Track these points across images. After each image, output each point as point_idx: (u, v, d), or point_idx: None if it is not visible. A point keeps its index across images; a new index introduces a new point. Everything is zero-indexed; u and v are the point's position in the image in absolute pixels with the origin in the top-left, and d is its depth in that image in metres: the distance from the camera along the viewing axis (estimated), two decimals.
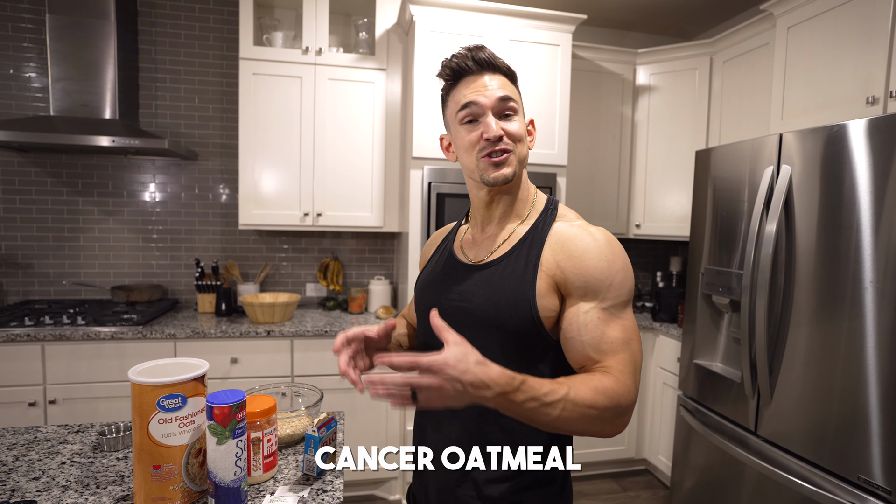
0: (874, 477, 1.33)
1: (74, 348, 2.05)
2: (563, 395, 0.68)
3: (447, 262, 0.94)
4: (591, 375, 0.73)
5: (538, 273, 0.80)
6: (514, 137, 0.83)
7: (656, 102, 2.77)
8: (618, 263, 0.79)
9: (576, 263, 0.79)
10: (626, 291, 0.79)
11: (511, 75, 0.87)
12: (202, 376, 0.91)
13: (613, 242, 0.81)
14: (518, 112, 0.85)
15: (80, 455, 1.06)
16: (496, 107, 0.82)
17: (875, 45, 1.67)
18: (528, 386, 0.67)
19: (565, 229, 0.83)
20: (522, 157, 0.86)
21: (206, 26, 2.62)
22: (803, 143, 1.56)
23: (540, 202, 0.90)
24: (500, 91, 0.82)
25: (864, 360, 1.37)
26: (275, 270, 2.79)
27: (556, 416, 0.68)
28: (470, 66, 0.84)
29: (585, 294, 0.78)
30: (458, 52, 0.85)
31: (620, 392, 0.72)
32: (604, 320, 0.76)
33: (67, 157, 2.52)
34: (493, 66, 0.84)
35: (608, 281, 0.77)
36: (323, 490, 0.95)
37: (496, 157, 0.82)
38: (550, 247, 0.82)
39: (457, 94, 0.86)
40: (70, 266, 2.56)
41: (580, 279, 0.78)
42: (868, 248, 1.37)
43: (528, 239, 0.84)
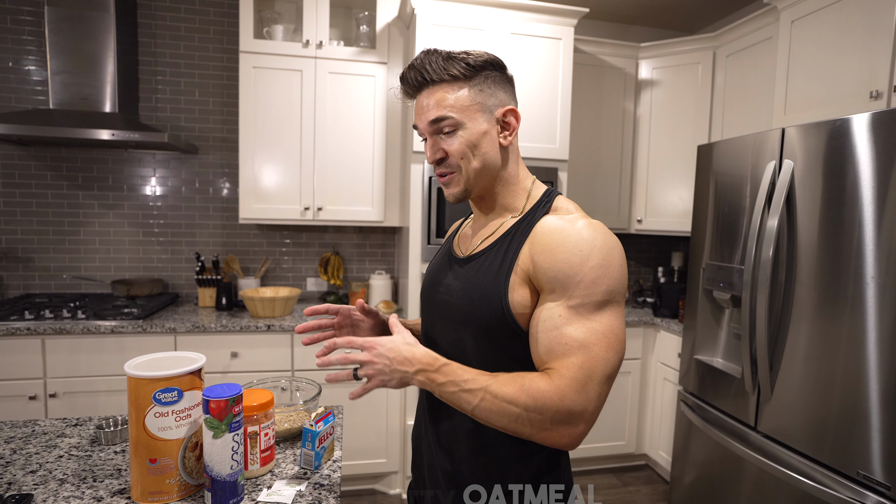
0: (874, 473, 1.32)
1: (75, 342, 2.05)
2: (482, 385, 0.72)
3: (446, 256, 0.94)
4: (525, 374, 0.72)
5: (514, 268, 0.77)
6: (454, 156, 0.80)
7: (659, 97, 2.75)
8: (594, 259, 0.71)
9: (546, 257, 0.74)
10: (602, 291, 0.71)
11: (462, 76, 0.79)
12: (199, 370, 0.90)
13: (598, 237, 0.73)
14: (461, 124, 0.79)
15: (78, 448, 1.06)
16: (431, 129, 0.81)
17: (879, 38, 1.66)
18: (450, 369, 0.74)
19: (549, 222, 0.78)
20: (474, 171, 0.81)
21: (207, 19, 2.61)
22: (806, 138, 1.55)
23: (536, 194, 0.86)
24: (432, 112, 0.79)
25: (865, 356, 1.36)
26: (275, 265, 2.79)
27: (475, 404, 0.72)
28: (408, 91, 0.83)
29: (553, 289, 0.73)
30: (404, 70, 0.83)
31: (549, 395, 0.68)
32: (566, 319, 0.71)
33: (67, 151, 2.52)
34: (424, 82, 0.80)
35: (578, 277, 0.71)
36: (320, 484, 0.95)
37: (442, 179, 0.84)
38: (530, 240, 0.78)
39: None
40: (70, 260, 2.56)
41: (549, 273, 0.73)
42: (870, 244, 1.36)
43: (513, 233, 0.81)
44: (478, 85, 0.80)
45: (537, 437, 0.72)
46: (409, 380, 0.76)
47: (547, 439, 0.71)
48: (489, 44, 2.26)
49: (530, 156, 2.34)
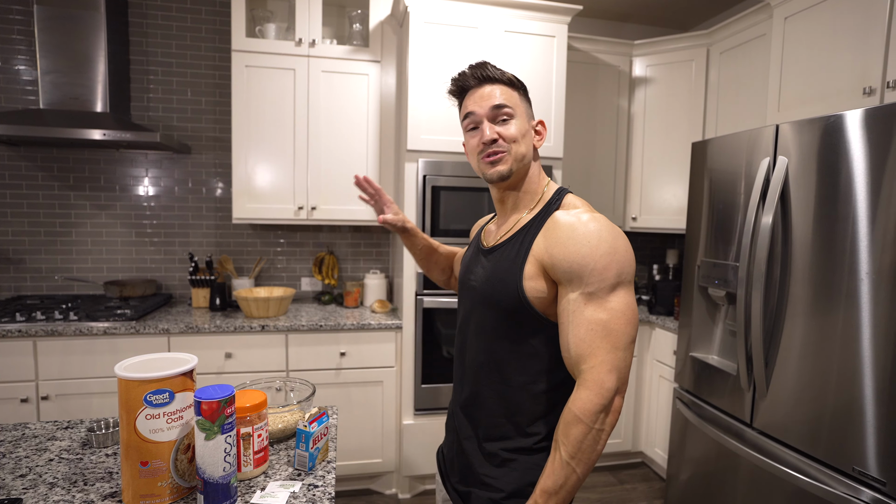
0: (868, 468, 1.33)
1: (67, 344, 2.03)
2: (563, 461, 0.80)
3: (474, 246, 1.07)
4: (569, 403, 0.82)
5: (528, 258, 0.88)
6: (508, 139, 0.92)
7: (653, 94, 2.75)
8: (603, 248, 0.81)
9: (560, 249, 0.84)
10: (613, 275, 0.81)
11: (513, 83, 0.95)
12: (190, 371, 0.89)
13: (604, 229, 0.83)
14: (515, 116, 0.93)
15: (69, 451, 1.05)
16: (490, 114, 0.93)
17: (872, 35, 1.66)
18: (544, 495, 0.81)
19: (559, 217, 0.88)
20: (520, 155, 0.94)
21: (198, 18, 2.59)
22: (800, 134, 1.55)
23: (549, 193, 0.97)
24: (495, 100, 0.92)
25: (860, 352, 1.36)
26: (269, 265, 2.78)
27: (580, 474, 0.80)
28: (470, 82, 0.96)
29: (571, 280, 0.83)
30: (462, 71, 0.97)
31: (593, 395, 0.79)
32: (587, 306, 0.81)
33: (58, 151, 2.50)
34: (489, 78, 0.94)
35: (590, 266, 0.81)
36: (314, 485, 0.94)
37: (492, 157, 0.93)
38: (543, 233, 0.88)
39: (463, 106, 0.98)
40: (62, 261, 2.53)
41: (564, 264, 0.83)
42: (864, 239, 1.36)
43: (528, 227, 0.92)
44: (522, 95, 0.97)
45: (610, 430, 0.81)
46: None
47: (613, 423, 0.81)
48: (483, 42, 2.25)
49: None
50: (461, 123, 0.99)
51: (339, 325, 2.26)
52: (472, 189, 2.30)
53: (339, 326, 2.26)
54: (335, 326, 2.26)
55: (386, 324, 2.31)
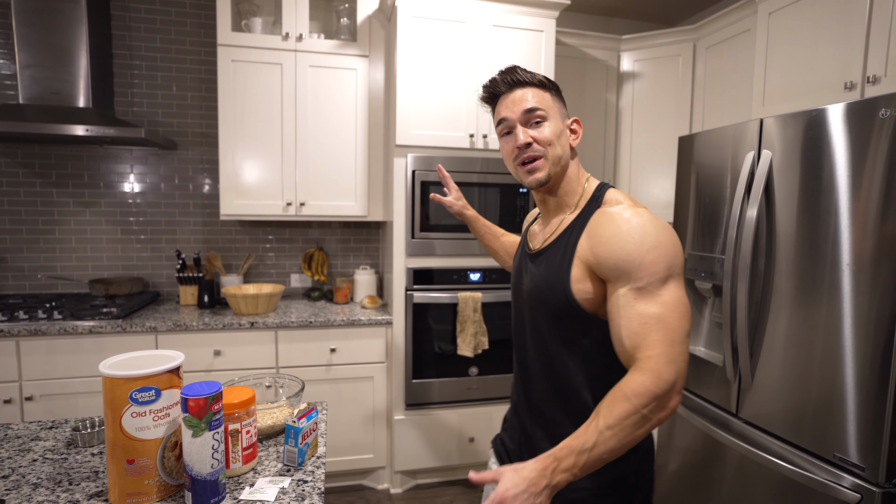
0: (849, 455, 1.36)
1: (51, 343, 2.00)
2: (597, 429, 0.74)
3: (522, 249, 1.08)
4: (621, 383, 0.77)
5: (574, 260, 0.88)
6: (542, 142, 0.92)
7: (640, 89, 2.77)
8: (648, 242, 0.80)
9: (604, 248, 0.84)
10: (663, 268, 0.80)
11: (544, 85, 0.95)
12: (177, 368, 0.89)
13: (647, 223, 0.82)
14: (548, 118, 0.93)
15: (53, 452, 1.03)
16: (523, 118, 0.93)
17: (853, 31, 1.68)
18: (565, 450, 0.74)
19: (601, 215, 0.88)
20: (557, 158, 0.93)
21: (183, 11, 2.55)
22: (784, 128, 1.57)
23: (590, 190, 0.96)
24: (527, 103, 0.92)
25: (842, 342, 1.39)
26: (259, 261, 2.76)
27: (608, 447, 0.74)
28: (501, 88, 0.96)
29: (619, 277, 0.82)
30: (493, 77, 0.98)
31: (650, 382, 0.75)
32: (639, 300, 0.80)
33: (40, 147, 2.45)
34: (520, 82, 0.94)
35: (637, 261, 0.80)
36: (304, 481, 0.94)
37: (528, 165, 0.94)
38: (587, 233, 0.88)
39: (496, 112, 0.99)
40: (45, 259, 2.49)
41: (610, 262, 0.83)
42: (845, 231, 1.38)
43: (572, 228, 0.92)
44: (555, 96, 0.97)
45: (657, 423, 0.76)
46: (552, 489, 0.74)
47: (663, 418, 0.77)
48: (471, 36, 2.25)
49: None
50: (495, 129, 1.00)
51: (328, 322, 2.26)
52: (463, 184, 2.30)
53: (328, 322, 2.26)
54: (325, 322, 2.25)
55: (376, 319, 2.31)
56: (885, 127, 1.29)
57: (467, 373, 2.38)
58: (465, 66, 2.26)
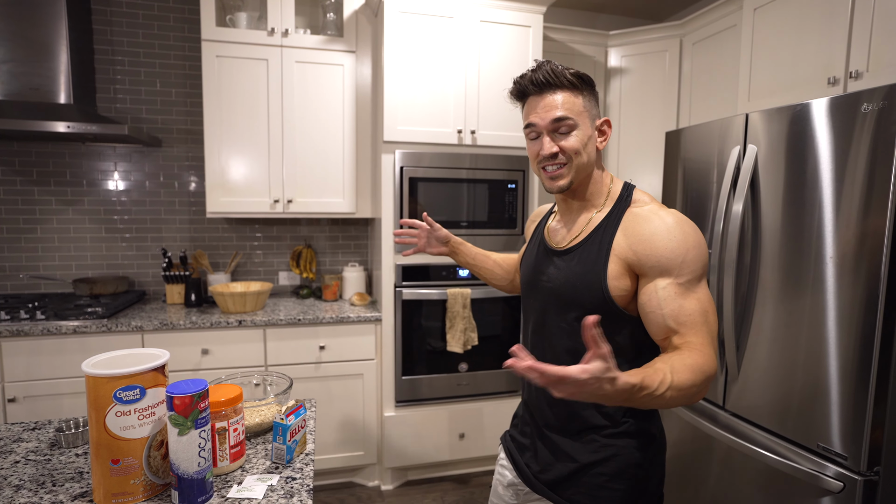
0: (832, 444, 1.38)
1: (34, 344, 1.97)
2: (669, 384, 0.75)
3: (540, 245, 1.07)
4: (683, 355, 0.80)
5: (610, 257, 0.90)
6: (568, 152, 0.92)
7: (628, 84, 2.78)
8: (689, 242, 0.85)
9: (647, 246, 0.87)
10: (700, 267, 0.86)
11: (576, 86, 0.92)
12: (162, 366, 0.87)
13: (684, 223, 0.87)
14: (577, 126, 0.91)
15: (36, 453, 1.02)
16: (550, 127, 0.91)
17: (836, 26, 1.70)
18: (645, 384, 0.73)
19: (640, 214, 0.91)
20: (582, 166, 0.93)
21: (166, 6, 2.51)
22: (769, 123, 1.59)
23: (616, 190, 0.98)
24: (556, 111, 0.91)
25: (825, 334, 1.41)
26: (246, 259, 2.73)
27: (665, 400, 0.75)
28: (530, 89, 0.94)
29: (661, 272, 0.85)
30: (523, 73, 0.95)
31: (709, 364, 0.80)
32: (680, 294, 0.84)
33: (19, 145, 2.40)
34: (551, 85, 0.91)
35: (680, 259, 0.84)
36: (292, 478, 0.94)
37: (551, 171, 0.94)
38: (623, 231, 0.90)
39: (524, 111, 0.97)
40: (27, 259, 2.45)
41: (652, 259, 0.86)
42: (829, 225, 1.40)
43: (604, 227, 0.93)
44: (587, 96, 0.94)
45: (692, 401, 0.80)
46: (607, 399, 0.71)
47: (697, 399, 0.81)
48: (458, 31, 2.24)
49: (502, 144, 2.34)
50: (523, 129, 0.99)
51: (317, 319, 2.24)
52: (451, 180, 2.29)
53: (317, 320, 2.24)
54: (314, 320, 2.24)
55: (365, 316, 2.30)
56: (868, 121, 1.31)
57: (457, 369, 2.38)
58: (452, 62, 2.25)
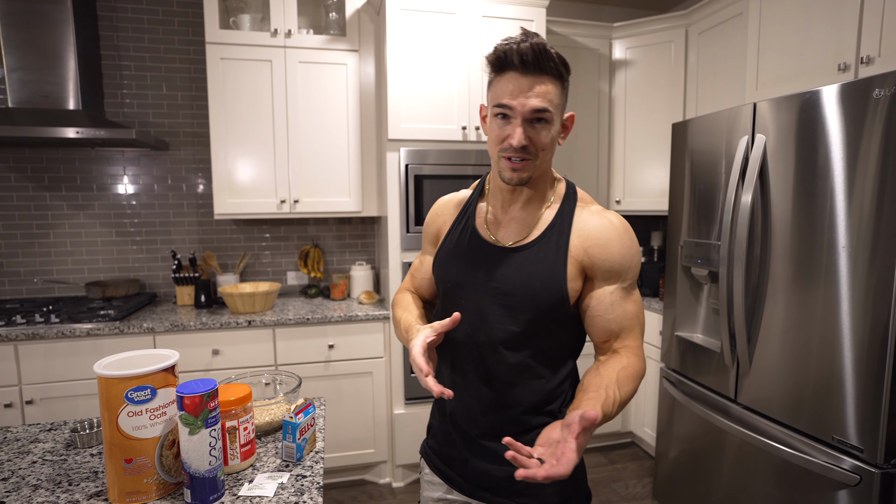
0: (848, 437, 1.36)
1: (49, 347, 2.00)
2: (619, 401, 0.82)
3: (472, 241, 0.96)
4: (626, 364, 0.86)
5: (568, 259, 0.89)
6: (538, 146, 0.85)
7: (633, 77, 2.75)
8: (634, 248, 0.90)
9: (601, 250, 0.88)
10: (638, 271, 0.92)
11: (562, 77, 0.85)
12: (172, 367, 0.88)
13: (629, 228, 0.92)
14: (551, 122, 0.84)
15: (52, 453, 1.03)
16: (529, 116, 0.83)
17: (846, 12, 1.67)
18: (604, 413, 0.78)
19: (588, 217, 0.91)
20: (547, 160, 0.89)
21: (170, 10, 2.53)
22: (777, 112, 1.56)
23: (561, 186, 0.96)
24: (537, 101, 0.82)
25: (839, 325, 1.39)
26: (254, 260, 2.75)
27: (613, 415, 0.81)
28: (515, 63, 0.82)
29: (610, 277, 0.89)
30: (509, 40, 0.83)
31: (644, 367, 0.90)
32: (624, 298, 0.90)
33: (31, 151, 2.44)
34: (538, 68, 0.81)
35: (628, 264, 0.89)
36: (302, 476, 0.94)
37: (515, 163, 0.85)
38: (577, 234, 0.90)
39: (498, 86, 0.85)
40: (41, 264, 2.48)
41: (606, 265, 0.88)
42: (841, 214, 1.38)
43: (556, 225, 0.91)
44: (566, 89, 0.88)
45: None
46: None
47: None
48: (461, 27, 2.23)
49: None
50: (488, 102, 0.88)
51: (326, 318, 2.26)
52: (456, 177, 2.29)
53: (326, 319, 2.26)
54: (322, 319, 2.25)
55: (373, 315, 2.31)
56: (880, 107, 1.28)
57: None
58: (455, 59, 2.25)
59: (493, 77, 0.87)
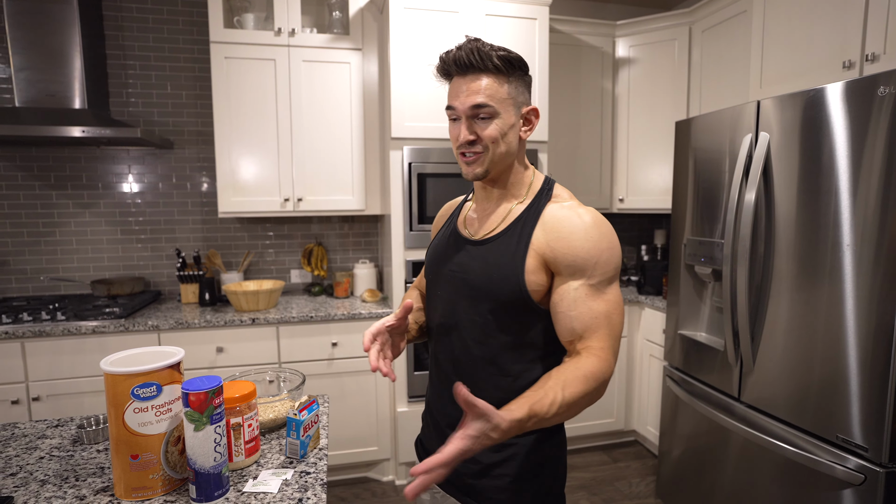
0: (853, 436, 1.36)
1: (55, 344, 2.02)
2: (560, 402, 0.76)
3: (451, 236, 1.01)
4: (579, 363, 0.81)
5: (528, 251, 0.87)
6: (485, 140, 0.88)
7: (636, 75, 2.75)
8: (603, 243, 0.85)
9: (564, 244, 0.85)
10: (612, 268, 0.86)
11: (501, 70, 0.87)
12: (177, 364, 0.89)
13: (601, 223, 0.87)
14: (497, 115, 0.87)
15: (59, 449, 1.04)
16: (469, 112, 0.87)
17: (850, 8, 1.66)
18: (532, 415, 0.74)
19: (556, 211, 0.89)
20: (499, 155, 0.90)
21: (174, 9, 2.54)
22: (781, 110, 1.56)
23: (537, 183, 0.96)
24: (476, 98, 0.86)
25: (844, 323, 1.38)
26: (258, 258, 2.76)
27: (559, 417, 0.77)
28: (453, 69, 0.89)
29: (574, 272, 0.85)
30: (448, 50, 0.89)
31: (603, 369, 0.81)
32: (590, 296, 0.84)
33: (37, 150, 2.45)
34: (475, 68, 0.86)
35: (594, 259, 0.84)
36: (306, 472, 0.95)
37: (467, 157, 0.90)
38: (542, 227, 0.88)
39: (448, 91, 0.92)
40: (47, 262, 2.50)
41: (569, 258, 0.85)
42: (846, 212, 1.37)
43: (523, 219, 0.91)
44: (514, 82, 0.89)
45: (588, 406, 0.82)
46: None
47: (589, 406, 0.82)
48: (464, 26, 2.23)
49: None
50: (445, 110, 0.94)
51: (329, 316, 2.26)
52: (459, 175, 2.29)
53: (329, 317, 2.26)
54: (326, 317, 2.26)
55: (377, 312, 2.31)
56: (885, 104, 1.28)
57: None
58: None
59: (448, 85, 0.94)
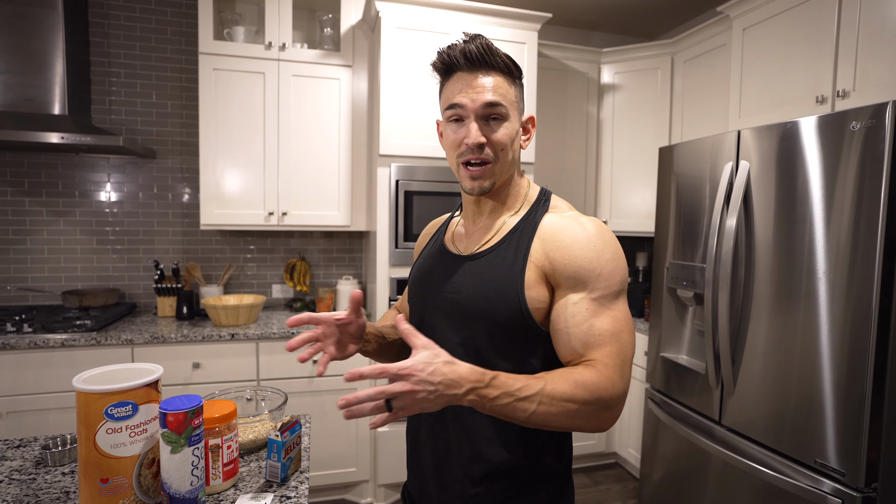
0: (829, 460, 1.38)
1: (20, 357, 1.93)
2: (538, 390, 0.68)
3: (438, 254, 0.92)
4: (572, 369, 0.73)
5: (527, 264, 0.79)
6: (496, 146, 0.80)
7: (621, 101, 2.82)
8: (607, 253, 0.77)
9: (564, 254, 0.77)
10: (618, 282, 0.77)
11: (512, 73, 0.82)
12: (155, 382, 0.86)
13: (604, 232, 0.79)
14: (507, 118, 0.80)
15: (20, 472, 0.99)
16: (481, 112, 0.79)
17: (823, 47, 1.74)
18: (501, 381, 0.67)
19: (555, 220, 0.81)
20: (508, 163, 0.83)
21: (163, 19, 2.52)
22: (760, 140, 1.61)
23: (533, 194, 0.88)
24: (489, 95, 0.78)
25: (819, 349, 1.42)
26: (239, 272, 2.71)
27: (532, 410, 0.68)
28: (460, 63, 0.80)
29: (574, 285, 0.76)
30: (452, 43, 0.81)
31: (602, 385, 0.70)
32: (593, 312, 0.75)
33: (11, 155, 2.38)
34: (486, 64, 0.79)
35: (597, 271, 0.75)
36: (287, 497, 0.92)
37: (474, 169, 0.81)
38: (540, 237, 0.80)
39: (448, 89, 0.82)
40: (16, 270, 2.41)
41: (568, 270, 0.76)
42: (820, 240, 1.42)
43: (519, 230, 0.83)
44: (520, 87, 0.84)
45: (586, 427, 0.72)
46: (458, 402, 0.66)
47: (588, 426, 0.72)
48: None
49: None
50: (441, 110, 0.84)
51: None
52: (446, 194, 2.30)
53: None
54: None
55: None
56: (856, 139, 1.33)
57: None
58: None
59: (442, 82, 0.84)
